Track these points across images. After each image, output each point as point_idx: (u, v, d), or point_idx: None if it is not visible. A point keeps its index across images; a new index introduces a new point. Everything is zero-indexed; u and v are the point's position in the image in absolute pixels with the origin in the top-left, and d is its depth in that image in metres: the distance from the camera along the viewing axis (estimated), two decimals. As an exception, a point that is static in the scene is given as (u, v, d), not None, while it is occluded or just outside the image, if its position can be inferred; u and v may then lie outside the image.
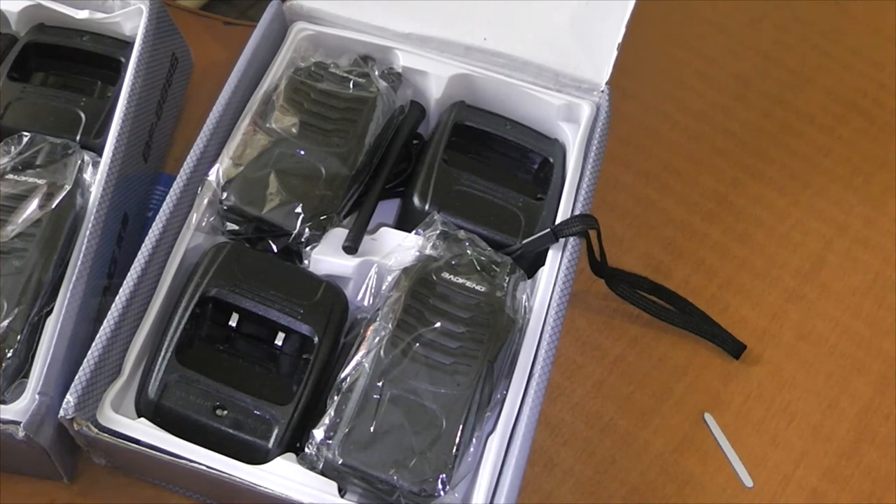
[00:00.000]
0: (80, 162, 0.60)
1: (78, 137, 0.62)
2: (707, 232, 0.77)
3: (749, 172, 0.81)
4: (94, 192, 0.59)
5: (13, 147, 0.61)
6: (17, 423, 0.50)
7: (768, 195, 0.80)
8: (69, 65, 0.68)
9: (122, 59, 0.66)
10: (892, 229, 0.79)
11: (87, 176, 0.60)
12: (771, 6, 0.93)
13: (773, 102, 0.86)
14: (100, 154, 0.61)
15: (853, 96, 0.87)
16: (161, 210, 0.57)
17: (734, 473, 0.66)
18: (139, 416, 0.53)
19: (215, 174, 0.59)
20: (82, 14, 0.67)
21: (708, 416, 0.68)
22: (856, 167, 0.83)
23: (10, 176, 0.59)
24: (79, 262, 0.56)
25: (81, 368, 0.51)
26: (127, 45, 0.67)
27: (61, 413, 0.50)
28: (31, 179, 0.59)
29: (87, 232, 0.57)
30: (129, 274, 0.54)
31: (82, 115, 0.63)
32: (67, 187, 0.59)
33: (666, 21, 0.90)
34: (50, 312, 0.55)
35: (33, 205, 0.58)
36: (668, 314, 0.71)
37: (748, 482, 0.65)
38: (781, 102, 0.86)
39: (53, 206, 0.58)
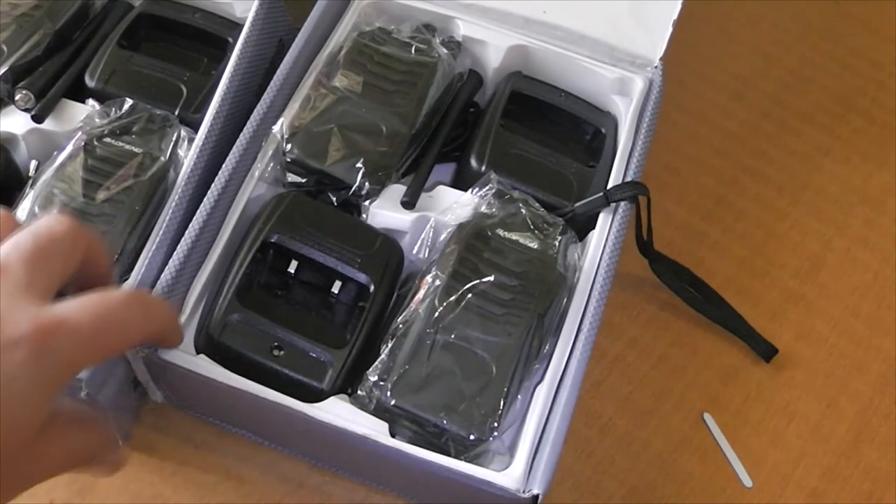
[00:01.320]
0: (176, 136, 0.61)
1: (177, 111, 0.63)
2: (706, 232, 0.77)
3: (749, 172, 0.81)
4: (185, 168, 0.59)
5: (114, 110, 0.61)
6: (79, 379, 0.51)
7: (768, 195, 0.80)
8: (178, 39, 0.69)
9: (230, 40, 0.67)
10: (891, 229, 0.79)
11: (181, 151, 0.61)
12: (771, 6, 0.93)
13: (772, 102, 0.86)
14: (195, 130, 0.61)
15: (853, 96, 0.87)
16: (227, 160, 0.58)
17: (733, 473, 0.66)
18: (198, 353, 0.54)
19: (279, 127, 0.61)
20: None
21: (707, 416, 0.68)
22: (855, 167, 0.83)
23: (108, 140, 0.60)
24: (160, 234, 0.57)
25: None
26: (237, 26, 0.68)
27: None
28: (127, 146, 0.60)
29: (173, 205, 0.58)
30: (194, 219, 0.56)
31: (184, 90, 0.64)
32: (163, 160, 0.60)
33: (665, 21, 0.90)
34: (126, 280, 0.56)
35: (127, 172, 0.59)
36: (705, 308, 0.71)
37: (747, 482, 0.65)
38: (781, 102, 0.86)
39: (146, 176, 0.59)
